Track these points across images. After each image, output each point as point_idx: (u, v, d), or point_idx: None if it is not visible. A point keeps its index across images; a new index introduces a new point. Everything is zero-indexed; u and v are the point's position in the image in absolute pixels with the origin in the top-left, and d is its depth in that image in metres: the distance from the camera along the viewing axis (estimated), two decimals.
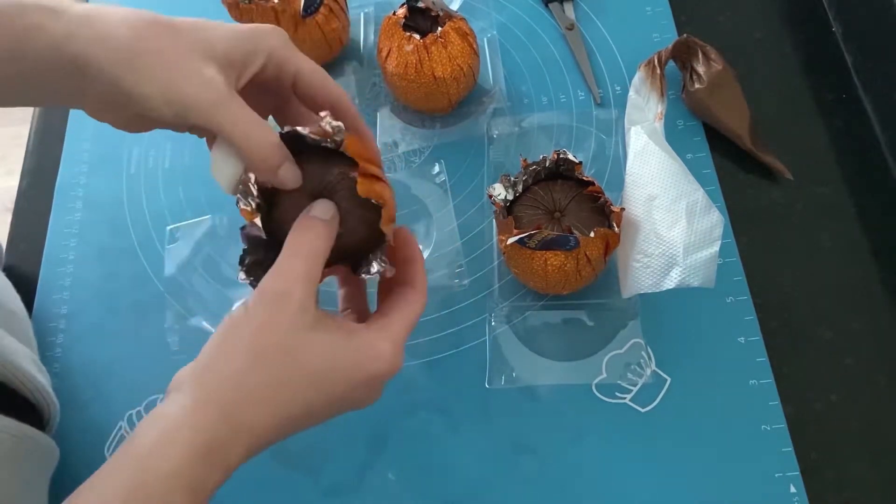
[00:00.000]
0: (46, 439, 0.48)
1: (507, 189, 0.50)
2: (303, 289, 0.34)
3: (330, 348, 0.35)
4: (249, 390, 0.33)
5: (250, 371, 0.33)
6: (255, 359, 0.33)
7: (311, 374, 0.34)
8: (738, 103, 0.57)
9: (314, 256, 0.35)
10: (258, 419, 0.33)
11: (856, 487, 0.46)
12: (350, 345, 0.36)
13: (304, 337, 0.34)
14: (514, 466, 0.48)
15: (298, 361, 0.34)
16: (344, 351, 0.35)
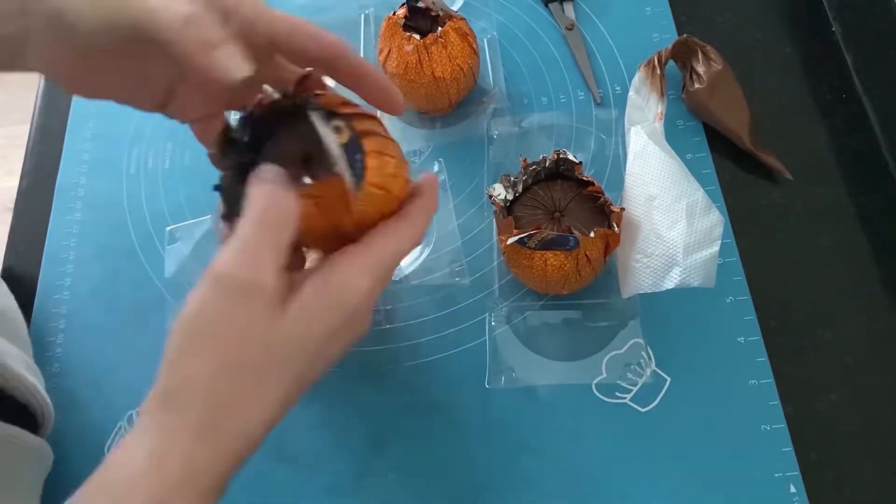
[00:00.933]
0: (38, 441, 0.48)
1: (507, 189, 0.50)
2: (275, 277, 0.30)
3: (302, 319, 0.31)
4: (224, 405, 0.30)
5: (223, 378, 0.30)
6: (225, 364, 0.30)
7: (288, 357, 0.31)
8: (738, 103, 0.57)
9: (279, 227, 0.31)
10: (242, 429, 0.31)
11: (856, 487, 0.46)
12: (323, 294, 0.31)
13: (278, 325, 0.30)
14: (514, 466, 0.48)
15: (272, 355, 0.31)
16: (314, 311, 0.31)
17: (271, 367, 0.31)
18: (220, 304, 0.30)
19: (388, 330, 0.53)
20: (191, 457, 0.30)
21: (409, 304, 0.54)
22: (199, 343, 0.30)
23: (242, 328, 0.30)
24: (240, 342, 0.30)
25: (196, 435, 0.30)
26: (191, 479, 0.30)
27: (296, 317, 0.31)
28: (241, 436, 0.31)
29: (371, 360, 0.53)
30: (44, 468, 0.49)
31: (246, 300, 0.30)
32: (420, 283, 0.55)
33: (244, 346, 0.30)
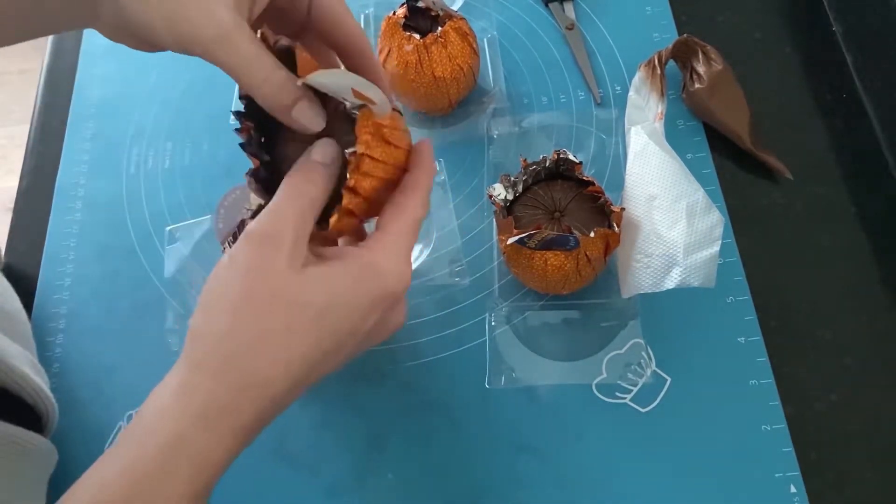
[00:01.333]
0: (43, 442, 0.48)
1: (507, 189, 0.50)
2: (294, 230, 0.32)
3: (327, 281, 0.32)
4: (243, 343, 0.31)
5: (242, 323, 0.31)
6: (246, 308, 0.31)
7: (311, 312, 0.32)
8: (738, 103, 0.57)
9: (308, 199, 0.33)
10: (260, 372, 0.31)
11: (856, 487, 0.46)
12: (348, 271, 0.33)
13: (297, 276, 0.32)
14: (514, 466, 0.48)
15: (294, 302, 0.32)
16: (343, 279, 0.33)
17: (294, 319, 0.32)
18: (246, 250, 0.32)
19: None
20: (211, 389, 0.31)
21: (409, 304, 0.54)
22: (225, 285, 0.32)
23: (264, 274, 0.31)
24: (262, 286, 0.31)
25: (217, 370, 0.31)
26: (212, 413, 0.30)
27: (318, 279, 0.32)
28: (261, 382, 0.31)
29: (371, 360, 0.53)
30: (49, 468, 0.49)
31: (267, 248, 0.32)
32: (420, 283, 0.55)
33: (266, 291, 0.31)
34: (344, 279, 0.33)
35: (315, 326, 0.32)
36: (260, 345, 0.31)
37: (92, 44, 0.71)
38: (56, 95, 0.69)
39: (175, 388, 0.31)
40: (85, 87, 0.69)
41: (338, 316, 0.33)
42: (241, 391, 0.31)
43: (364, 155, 0.34)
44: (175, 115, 0.66)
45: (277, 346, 0.31)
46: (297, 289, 0.32)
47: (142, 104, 0.67)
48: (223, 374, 0.31)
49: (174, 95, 0.67)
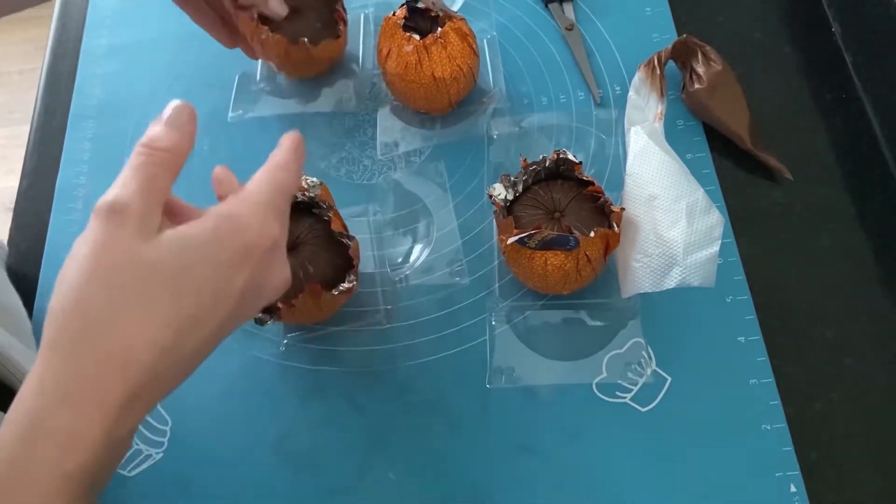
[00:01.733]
0: None
1: (507, 189, 0.50)
2: (142, 200, 0.31)
3: (180, 241, 0.31)
4: (94, 316, 0.30)
5: (90, 295, 0.30)
6: (93, 281, 0.30)
7: (164, 274, 0.31)
8: (738, 103, 0.57)
9: (156, 167, 0.32)
10: (116, 342, 0.29)
11: (856, 487, 0.46)
12: (203, 227, 0.32)
13: (146, 243, 0.31)
14: (514, 466, 0.48)
15: (144, 266, 0.30)
16: (197, 236, 0.32)
17: (146, 284, 0.30)
18: (93, 225, 0.31)
19: (388, 330, 0.53)
20: (66, 365, 0.29)
21: (409, 304, 0.54)
22: (73, 260, 0.31)
23: (110, 244, 0.31)
24: (109, 257, 0.30)
25: (70, 346, 0.30)
26: (70, 388, 0.29)
27: (170, 241, 0.31)
28: (121, 352, 0.30)
29: (371, 360, 0.53)
30: None
31: (113, 218, 0.31)
32: (420, 283, 0.55)
33: (113, 262, 0.30)
34: (198, 236, 0.32)
35: (170, 289, 0.31)
36: (111, 315, 0.30)
37: (92, 44, 0.71)
38: (56, 95, 0.69)
39: (33, 371, 0.30)
40: (85, 87, 0.69)
41: (194, 275, 0.31)
42: (99, 364, 0.29)
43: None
44: None
45: (131, 315, 0.30)
46: (146, 254, 0.31)
47: (142, 104, 0.67)
48: (77, 349, 0.29)
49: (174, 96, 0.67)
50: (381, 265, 0.55)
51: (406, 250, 0.56)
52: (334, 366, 0.53)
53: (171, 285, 0.31)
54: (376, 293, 0.54)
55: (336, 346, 0.53)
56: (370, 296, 0.54)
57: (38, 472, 0.28)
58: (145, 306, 0.30)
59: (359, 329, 0.53)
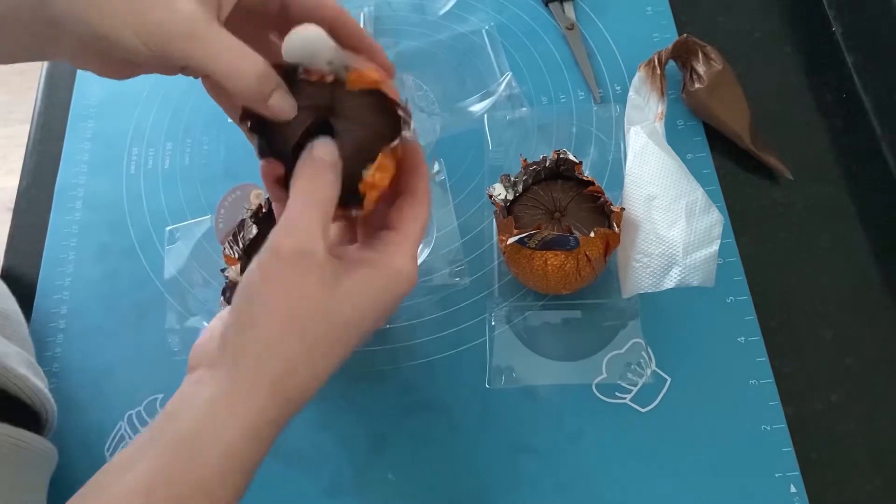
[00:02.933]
0: (43, 443, 0.48)
1: (507, 189, 0.50)
2: (323, 244, 0.33)
3: (360, 293, 0.34)
4: (291, 363, 0.33)
5: (291, 339, 0.33)
6: (292, 325, 0.33)
7: (347, 325, 0.34)
8: (738, 103, 0.57)
9: (326, 206, 0.34)
10: (302, 386, 0.33)
11: (856, 487, 0.46)
12: (376, 280, 0.35)
13: (334, 294, 0.33)
14: (514, 466, 0.48)
15: (335, 319, 0.33)
16: (373, 289, 0.35)
17: (334, 334, 0.34)
18: (282, 269, 0.33)
19: (388, 330, 0.53)
20: (263, 406, 0.32)
21: (409, 304, 0.54)
22: (266, 305, 0.33)
23: (303, 292, 0.33)
24: (304, 307, 0.33)
25: (268, 388, 0.32)
26: (261, 425, 0.33)
27: (350, 291, 0.34)
28: (301, 395, 0.34)
29: (371, 360, 0.53)
30: (49, 469, 0.49)
31: (303, 266, 0.33)
32: (420, 283, 0.55)
33: (308, 312, 0.33)
34: (374, 289, 0.35)
35: (349, 335, 0.34)
36: (305, 363, 0.33)
37: None
38: (56, 95, 0.69)
39: (222, 402, 0.32)
40: (85, 87, 0.69)
41: (367, 320, 0.35)
42: (286, 405, 0.33)
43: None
44: (175, 115, 0.66)
45: (319, 362, 0.34)
46: (335, 308, 0.33)
47: (142, 104, 0.67)
48: (273, 391, 0.33)
49: (174, 95, 0.67)
50: None
51: None
52: None
53: (349, 332, 0.34)
54: None
55: None
56: None
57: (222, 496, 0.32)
58: (329, 354, 0.34)
59: None
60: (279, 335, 0.33)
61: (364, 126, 0.36)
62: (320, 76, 0.35)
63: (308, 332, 0.33)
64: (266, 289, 0.33)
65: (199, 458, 0.31)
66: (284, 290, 0.32)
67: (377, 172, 0.35)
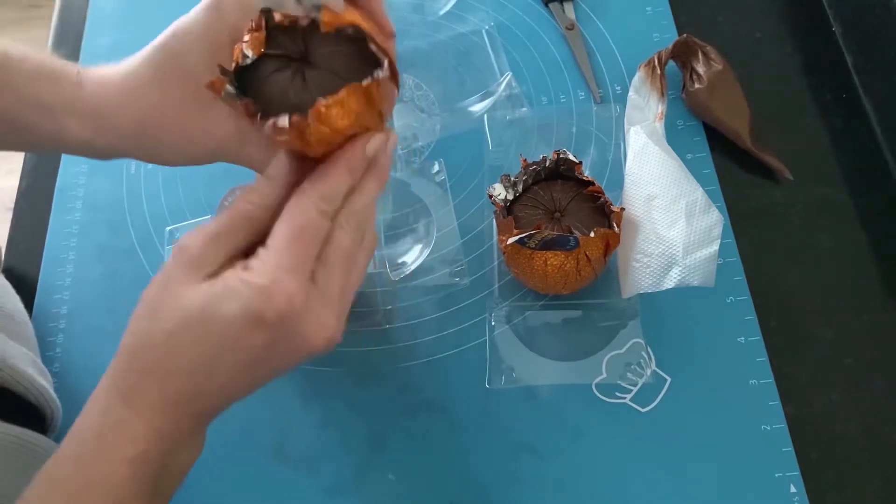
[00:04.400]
0: (48, 442, 0.48)
1: (507, 189, 0.50)
2: (204, 244, 0.33)
3: (211, 298, 0.32)
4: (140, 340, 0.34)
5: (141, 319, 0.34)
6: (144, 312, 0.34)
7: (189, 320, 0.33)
8: (738, 103, 0.57)
9: (238, 217, 0.33)
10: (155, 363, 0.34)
11: (856, 487, 0.46)
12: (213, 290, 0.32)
13: (188, 288, 0.33)
14: (514, 466, 0.48)
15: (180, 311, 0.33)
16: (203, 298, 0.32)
17: (177, 326, 0.33)
18: (164, 267, 0.34)
19: (388, 330, 0.53)
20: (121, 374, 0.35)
21: (409, 304, 0.54)
22: (151, 283, 0.35)
23: (163, 278, 0.34)
24: (157, 289, 0.34)
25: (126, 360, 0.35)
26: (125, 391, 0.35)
27: (200, 295, 0.33)
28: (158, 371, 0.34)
29: (371, 360, 0.53)
30: None
31: (174, 261, 0.34)
32: (420, 283, 0.55)
33: (160, 296, 0.34)
34: (217, 299, 0.32)
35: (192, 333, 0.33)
36: (155, 344, 0.34)
37: (92, 44, 0.71)
38: None
39: (110, 368, 0.36)
40: None
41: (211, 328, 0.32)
42: (143, 376, 0.34)
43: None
44: None
45: (166, 348, 0.33)
46: (184, 297, 0.33)
47: None
48: (134, 362, 0.35)
49: None
50: (381, 265, 0.55)
51: (406, 250, 0.56)
52: (334, 366, 0.53)
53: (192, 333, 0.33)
54: (376, 294, 0.54)
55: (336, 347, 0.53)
56: (370, 296, 0.54)
57: (108, 453, 0.34)
58: (175, 346, 0.33)
59: (359, 329, 0.53)
60: (136, 318, 0.34)
61: (338, 75, 0.32)
62: (293, 20, 0.32)
63: (154, 317, 0.33)
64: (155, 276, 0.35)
65: (82, 425, 0.35)
66: (153, 287, 0.34)
67: (334, 107, 0.31)
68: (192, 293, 0.33)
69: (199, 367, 0.34)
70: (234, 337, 0.32)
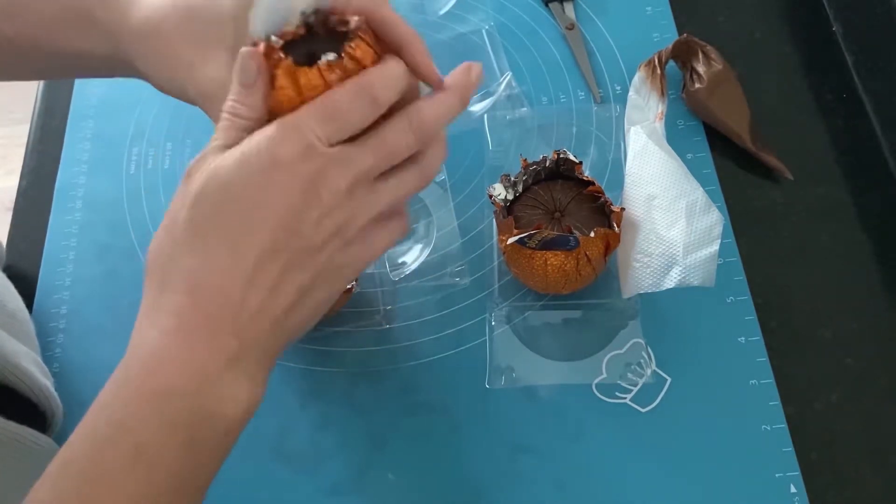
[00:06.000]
0: (48, 441, 0.48)
1: (507, 189, 0.50)
2: (211, 150, 0.33)
3: (214, 171, 0.32)
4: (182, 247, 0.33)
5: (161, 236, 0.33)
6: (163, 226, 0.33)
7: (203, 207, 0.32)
8: (738, 103, 0.57)
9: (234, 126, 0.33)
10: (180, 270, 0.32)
11: (856, 487, 0.46)
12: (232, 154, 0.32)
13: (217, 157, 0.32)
14: (514, 466, 0.48)
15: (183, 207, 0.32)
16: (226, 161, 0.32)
17: (197, 214, 0.32)
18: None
19: (388, 330, 0.53)
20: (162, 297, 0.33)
21: (409, 304, 0.54)
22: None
23: (176, 198, 0.33)
24: (175, 203, 0.33)
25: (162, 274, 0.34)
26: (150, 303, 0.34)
27: (210, 170, 0.32)
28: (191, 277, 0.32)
29: (371, 360, 0.53)
30: None
31: (185, 180, 0.33)
32: (420, 283, 0.55)
33: (177, 205, 0.33)
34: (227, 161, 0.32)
35: (211, 203, 0.32)
36: (175, 239, 0.33)
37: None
38: (56, 95, 0.69)
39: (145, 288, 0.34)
40: (85, 87, 0.69)
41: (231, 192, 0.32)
42: (169, 283, 0.33)
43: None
44: (175, 115, 0.66)
45: (188, 236, 0.32)
46: (194, 187, 0.32)
47: (142, 104, 0.67)
48: (157, 271, 0.33)
49: None
50: (381, 265, 0.55)
51: (406, 250, 0.56)
52: (334, 366, 0.53)
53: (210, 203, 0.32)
54: (376, 293, 0.54)
55: (336, 347, 0.53)
56: (370, 296, 0.54)
57: (131, 393, 0.32)
58: (196, 229, 0.32)
59: (359, 329, 0.53)
60: (153, 241, 0.33)
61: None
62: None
63: (174, 219, 0.32)
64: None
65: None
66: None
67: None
68: (203, 175, 0.32)
69: (226, 245, 0.32)
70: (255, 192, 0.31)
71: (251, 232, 0.32)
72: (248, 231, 0.32)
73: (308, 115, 0.32)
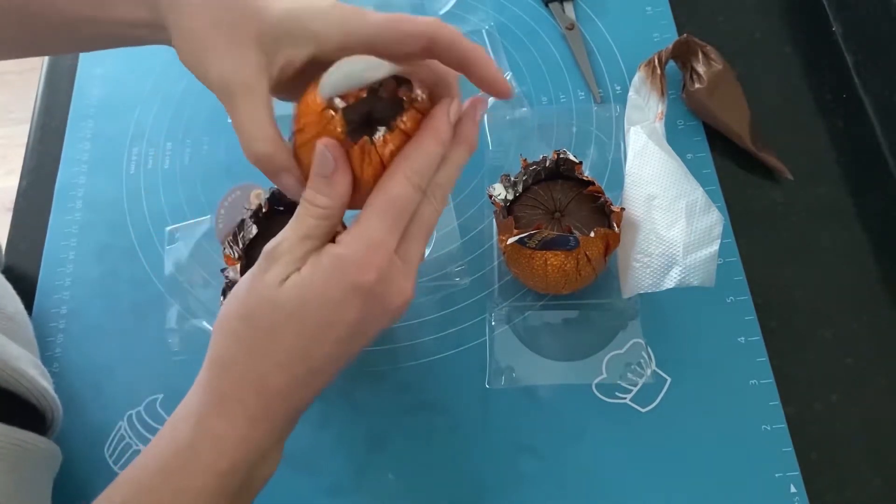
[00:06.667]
0: (48, 444, 0.48)
1: (507, 189, 0.50)
2: (290, 243, 0.34)
3: (300, 283, 0.34)
4: (241, 348, 0.35)
5: (237, 333, 0.35)
6: (239, 321, 0.35)
7: (287, 311, 0.34)
8: (738, 103, 0.57)
9: (316, 216, 0.34)
10: (253, 369, 0.35)
11: (856, 487, 0.46)
12: (315, 271, 0.34)
13: (279, 290, 0.34)
14: (514, 466, 0.48)
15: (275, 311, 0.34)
16: (310, 279, 0.34)
17: (275, 321, 0.34)
18: (251, 269, 0.35)
19: (388, 330, 0.53)
20: (218, 385, 0.35)
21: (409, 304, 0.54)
22: (234, 293, 0.35)
23: (257, 286, 0.34)
24: (253, 298, 0.35)
25: (223, 371, 0.35)
26: (221, 401, 0.35)
27: (294, 282, 0.34)
28: (257, 378, 0.35)
29: (371, 360, 0.53)
30: (53, 470, 0.49)
31: (264, 263, 0.35)
32: (420, 283, 0.55)
33: (255, 302, 0.34)
34: (311, 279, 0.34)
35: (292, 322, 0.34)
36: (251, 347, 0.35)
37: None
38: (56, 95, 0.69)
39: (199, 377, 0.36)
40: (85, 87, 0.69)
41: (309, 310, 0.34)
42: (240, 386, 0.35)
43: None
44: (175, 115, 0.66)
45: (264, 346, 0.34)
46: (277, 297, 0.34)
47: (142, 104, 0.67)
48: (227, 373, 0.35)
49: (174, 95, 0.67)
50: None
51: None
52: None
53: (291, 319, 0.34)
54: None
55: None
56: None
57: (199, 464, 0.34)
58: (273, 339, 0.34)
59: None
60: (231, 329, 0.35)
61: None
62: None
63: (252, 321, 0.34)
64: (243, 278, 0.36)
65: (174, 433, 0.35)
66: (247, 279, 0.35)
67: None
68: (287, 286, 0.34)
69: (296, 356, 0.34)
70: (330, 313, 0.34)
71: (321, 345, 0.35)
72: (320, 345, 0.35)
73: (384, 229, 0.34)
